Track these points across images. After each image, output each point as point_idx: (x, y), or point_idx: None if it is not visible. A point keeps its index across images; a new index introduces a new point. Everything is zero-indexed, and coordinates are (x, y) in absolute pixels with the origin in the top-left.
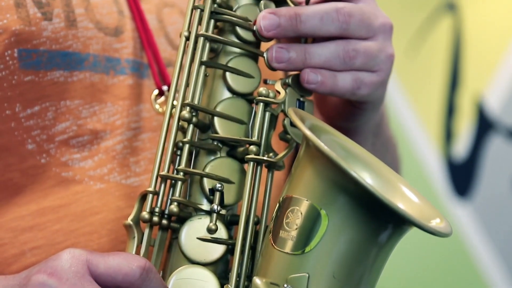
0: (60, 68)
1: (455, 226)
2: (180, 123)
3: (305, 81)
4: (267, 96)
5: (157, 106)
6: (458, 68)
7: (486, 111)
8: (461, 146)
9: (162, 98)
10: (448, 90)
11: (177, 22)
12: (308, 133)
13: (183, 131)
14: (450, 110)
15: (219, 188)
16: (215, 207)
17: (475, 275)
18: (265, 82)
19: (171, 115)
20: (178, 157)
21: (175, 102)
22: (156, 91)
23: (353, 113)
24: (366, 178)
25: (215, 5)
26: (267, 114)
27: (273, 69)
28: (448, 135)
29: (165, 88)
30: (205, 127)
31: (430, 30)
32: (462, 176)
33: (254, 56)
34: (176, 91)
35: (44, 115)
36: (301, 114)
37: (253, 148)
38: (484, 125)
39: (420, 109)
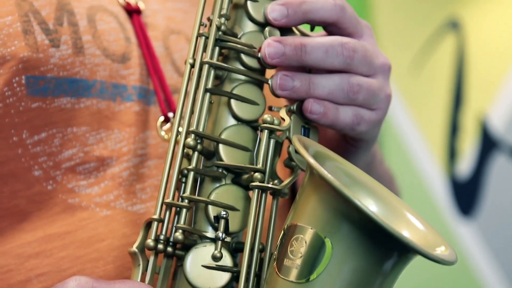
0: (67, 94)
1: (459, 245)
2: (185, 150)
3: (308, 111)
4: (272, 123)
5: (162, 133)
6: (462, 86)
7: (490, 130)
8: (465, 165)
9: (168, 125)
10: (451, 108)
11: (183, 49)
12: (311, 161)
13: (188, 158)
14: (454, 129)
15: (224, 215)
16: (220, 234)
17: None
18: (270, 109)
19: (176, 142)
20: (183, 184)
21: (180, 129)
22: (161, 118)
23: (346, 150)
24: (370, 205)
25: (220, 33)
26: (272, 141)
27: (277, 96)
28: (452, 153)
29: (170, 114)
30: (210, 154)
31: (434, 48)
32: (466, 195)
33: (259, 83)
34: (181, 117)
35: (51, 141)
36: (305, 142)
37: (257, 175)
38: (488, 144)
39: (423, 127)
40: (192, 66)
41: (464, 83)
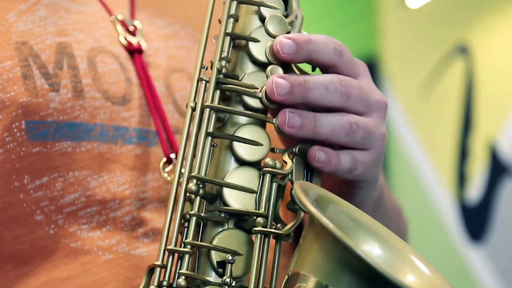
0: (68, 138)
1: (469, 270)
2: (187, 194)
3: (315, 159)
4: (274, 167)
5: (165, 175)
6: (471, 111)
7: (499, 155)
8: (475, 190)
9: (170, 166)
10: (460, 133)
11: (185, 88)
12: (312, 209)
13: (191, 201)
14: (463, 154)
15: (231, 260)
16: (227, 279)
17: None
18: (272, 150)
19: (178, 184)
20: (185, 229)
21: (183, 170)
22: (164, 159)
23: (350, 192)
24: (375, 249)
25: (221, 75)
26: (274, 185)
27: (283, 134)
28: (461, 178)
29: (173, 156)
30: (213, 198)
31: (442, 73)
32: (476, 220)
33: (261, 123)
34: (183, 160)
35: (52, 186)
36: (307, 187)
37: (260, 220)
38: (497, 169)
39: (433, 152)
40: (194, 109)
41: (473, 108)
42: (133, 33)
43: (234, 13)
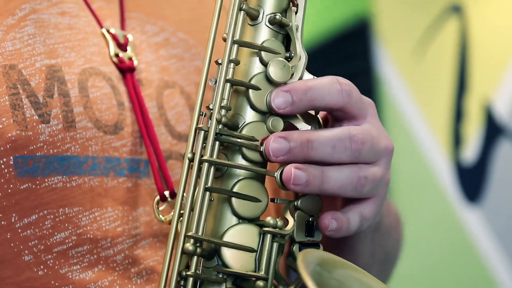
0: (58, 173)
1: (465, 231)
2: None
3: (328, 230)
4: (275, 227)
5: (160, 216)
6: (466, 72)
7: (495, 116)
8: (470, 151)
9: (165, 205)
10: (455, 94)
11: (177, 105)
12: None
13: (189, 254)
14: (458, 115)
15: None
16: None
17: (485, 280)
18: (272, 201)
19: (173, 247)
20: None
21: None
22: (157, 198)
23: (346, 238)
24: None
25: (220, 126)
26: (275, 245)
27: (286, 189)
28: (457, 139)
29: (167, 193)
30: (211, 255)
31: (436, 33)
32: (472, 181)
33: (261, 177)
34: (179, 218)
35: (42, 224)
36: (309, 256)
37: (260, 283)
38: (493, 130)
39: (428, 113)
40: (191, 160)
41: (468, 68)
42: (124, 47)
43: (235, 58)
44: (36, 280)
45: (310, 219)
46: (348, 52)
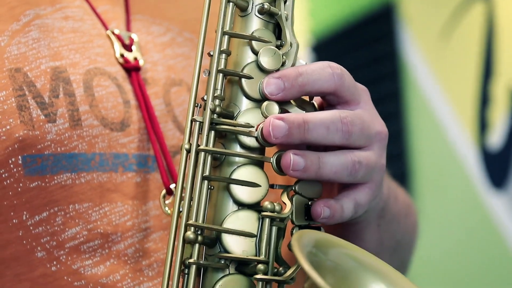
0: (67, 170)
1: (491, 216)
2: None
3: (320, 217)
4: (273, 211)
5: (166, 208)
6: (492, 56)
7: None
8: (496, 136)
9: (171, 198)
10: (481, 79)
11: (185, 102)
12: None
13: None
14: (484, 100)
15: None
16: None
17: (511, 265)
18: (272, 186)
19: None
20: (186, 276)
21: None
22: (164, 191)
23: (350, 225)
24: None
25: (215, 115)
26: (274, 229)
27: (283, 174)
28: (483, 125)
29: (173, 186)
30: (213, 242)
31: (462, 17)
32: (498, 167)
33: (259, 163)
34: (180, 205)
35: (53, 221)
36: (304, 237)
37: (261, 266)
38: None
39: (453, 98)
40: (188, 151)
41: (494, 52)
42: (129, 48)
43: (226, 48)
44: (49, 276)
45: (309, 202)
46: (373, 35)
